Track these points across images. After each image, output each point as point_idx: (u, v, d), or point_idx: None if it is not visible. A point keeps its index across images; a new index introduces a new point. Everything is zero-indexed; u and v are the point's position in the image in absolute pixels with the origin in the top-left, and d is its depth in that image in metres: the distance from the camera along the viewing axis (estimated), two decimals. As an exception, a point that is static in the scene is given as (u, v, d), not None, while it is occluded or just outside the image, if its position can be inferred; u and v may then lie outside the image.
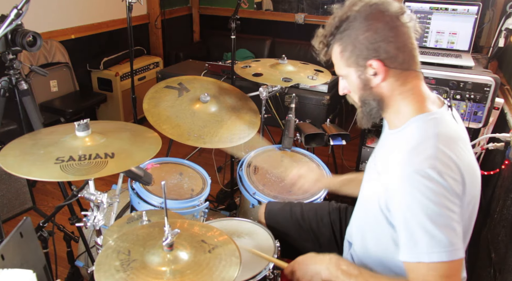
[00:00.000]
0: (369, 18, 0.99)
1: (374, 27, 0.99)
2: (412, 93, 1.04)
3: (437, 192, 0.90)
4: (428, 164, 0.92)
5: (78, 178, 1.03)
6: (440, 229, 0.90)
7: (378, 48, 0.99)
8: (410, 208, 0.93)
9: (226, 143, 1.66)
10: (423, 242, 0.91)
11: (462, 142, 1.01)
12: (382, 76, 1.01)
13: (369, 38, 0.99)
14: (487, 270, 1.73)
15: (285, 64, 2.16)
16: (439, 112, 1.04)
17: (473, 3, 2.24)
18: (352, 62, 1.04)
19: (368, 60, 1.01)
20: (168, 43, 4.57)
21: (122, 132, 1.29)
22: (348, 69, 1.06)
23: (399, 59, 1.01)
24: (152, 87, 1.81)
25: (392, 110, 1.08)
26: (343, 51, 1.04)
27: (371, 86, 1.05)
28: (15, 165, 1.06)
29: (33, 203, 2.53)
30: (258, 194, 1.71)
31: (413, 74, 1.04)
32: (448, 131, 1.00)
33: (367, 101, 1.08)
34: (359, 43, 1.00)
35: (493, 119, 2.10)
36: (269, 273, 1.27)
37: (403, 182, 0.94)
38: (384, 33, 0.99)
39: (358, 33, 1.00)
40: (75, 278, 1.93)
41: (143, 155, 1.16)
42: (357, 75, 1.05)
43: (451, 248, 0.90)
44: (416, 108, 1.04)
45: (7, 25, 1.14)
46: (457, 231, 0.92)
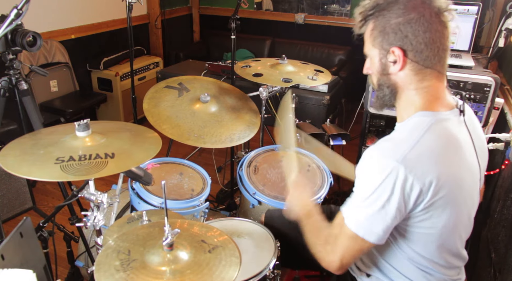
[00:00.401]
0: (409, 5, 0.97)
1: (408, 15, 0.97)
2: (426, 91, 1.03)
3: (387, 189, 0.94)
4: (397, 159, 0.93)
5: (79, 178, 1.03)
6: (368, 209, 0.97)
7: (405, 38, 0.98)
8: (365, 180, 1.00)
9: (226, 142, 1.66)
10: (355, 205, 1.01)
11: (457, 147, 1.00)
12: (400, 65, 1.01)
13: (399, 25, 0.98)
14: (487, 270, 1.73)
15: (285, 64, 2.16)
16: (445, 114, 1.02)
17: (473, 3, 2.24)
18: (378, 43, 1.03)
19: (392, 46, 1.00)
20: (168, 43, 4.57)
21: (122, 133, 1.29)
22: (373, 49, 1.05)
23: (423, 54, 0.99)
24: (152, 87, 1.81)
25: (403, 103, 1.07)
26: (373, 29, 1.03)
27: (388, 72, 1.04)
28: (15, 165, 1.06)
29: (33, 203, 2.52)
30: (258, 194, 1.71)
31: (435, 74, 1.02)
32: (444, 132, 1.00)
33: (382, 87, 1.08)
34: (389, 26, 0.99)
35: (493, 119, 2.10)
36: (269, 273, 1.27)
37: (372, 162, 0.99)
38: (416, 25, 0.97)
39: (392, 16, 0.98)
40: (75, 278, 1.93)
41: (143, 155, 1.16)
42: (379, 58, 1.05)
43: (364, 225, 0.98)
44: (423, 105, 1.03)
45: (7, 25, 1.14)
46: (380, 221, 0.97)
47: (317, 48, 4.30)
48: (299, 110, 2.26)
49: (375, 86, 1.12)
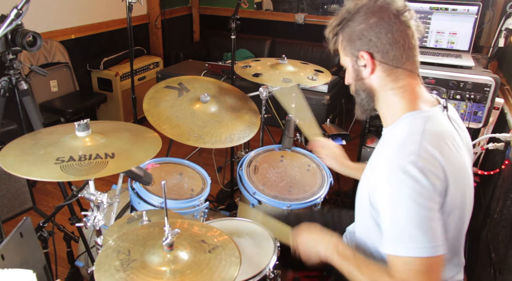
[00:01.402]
0: (369, 12, 1.03)
1: (369, 21, 1.02)
2: (404, 91, 1.06)
3: (416, 190, 0.92)
4: (409, 160, 0.93)
5: (79, 178, 1.03)
6: (417, 226, 0.92)
7: (369, 42, 1.03)
8: (390, 203, 0.96)
9: (226, 143, 1.66)
10: (401, 237, 0.94)
11: (451, 141, 1.02)
12: (370, 68, 1.05)
13: (362, 30, 1.03)
14: (487, 270, 1.73)
15: (285, 64, 2.16)
16: (431, 111, 1.06)
17: (473, 3, 2.24)
18: (348, 51, 1.09)
19: (360, 52, 1.05)
20: (168, 43, 4.57)
21: (122, 132, 1.29)
22: (345, 58, 1.11)
23: (390, 55, 1.03)
24: (152, 87, 1.81)
25: (384, 107, 1.10)
26: (342, 40, 1.09)
27: (362, 77, 1.09)
28: (15, 165, 1.06)
29: (33, 203, 2.53)
30: (258, 194, 1.71)
31: (407, 73, 1.05)
32: (436, 129, 1.02)
33: (358, 92, 1.13)
34: (354, 34, 1.05)
35: (493, 119, 2.10)
36: (269, 273, 1.27)
37: (386, 177, 0.97)
38: (378, 28, 1.02)
39: (355, 24, 1.05)
40: (75, 278, 1.93)
41: (143, 155, 1.16)
42: (351, 65, 1.10)
43: (428, 245, 0.92)
44: (407, 106, 1.06)
45: (7, 25, 1.14)
46: (436, 228, 0.93)
47: (317, 48, 4.30)
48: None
49: (353, 93, 1.16)
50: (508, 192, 1.70)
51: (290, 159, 1.97)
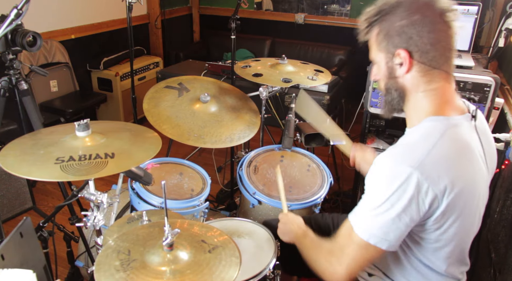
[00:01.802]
0: (412, 7, 0.97)
1: (412, 17, 0.97)
2: (435, 94, 1.02)
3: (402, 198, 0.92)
4: (411, 163, 0.92)
5: (79, 178, 1.03)
6: (381, 218, 0.95)
7: (409, 39, 0.98)
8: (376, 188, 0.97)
9: (226, 142, 1.67)
10: (364, 214, 0.99)
11: (469, 153, 0.99)
12: (406, 67, 1.00)
13: (403, 27, 0.97)
14: (487, 270, 1.73)
15: (285, 64, 2.16)
16: (457, 119, 1.01)
17: (473, 3, 2.24)
18: (383, 47, 1.03)
19: (397, 49, 1.00)
20: (168, 43, 4.57)
21: (122, 132, 1.29)
22: (379, 54, 1.05)
23: (429, 55, 0.98)
24: (152, 87, 1.81)
25: (412, 107, 1.06)
26: (378, 34, 1.03)
27: (395, 75, 1.03)
28: (15, 165, 1.06)
29: (33, 203, 2.52)
30: (258, 194, 1.71)
31: (443, 75, 1.01)
32: (455, 138, 0.98)
33: (390, 91, 1.07)
34: (393, 29, 0.99)
35: (493, 119, 2.10)
36: (269, 273, 1.27)
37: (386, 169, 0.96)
38: (420, 26, 0.96)
39: (396, 19, 0.98)
40: (75, 278, 1.93)
41: (143, 155, 1.16)
42: (385, 62, 1.04)
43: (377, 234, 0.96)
44: (434, 109, 1.01)
45: (7, 25, 1.14)
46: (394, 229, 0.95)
47: (317, 48, 4.30)
48: (299, 110, 2.26)
49: (383, 91, 1.11)
50: (508, 192, 1.69)
51: (290, 159, 1.97)
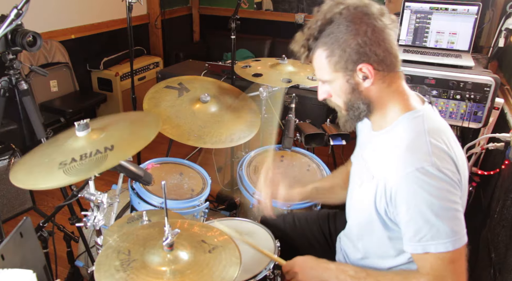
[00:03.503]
0: (356, 21, 0.97)
1: (362, 30, 0.97)
2: (397, 93, 1.06)
3: (439, 187, 0.94)
4: (426, 161, 0.94)
5: (81, 178, 1.01)
6: (444, 222, 0.94)
7: (368, 52, 0.98)
8: (415, 206, 0.95)
9: (226, 142, 1.66)
10: (430, 234, 0.95)
11: (450, 135, 1.04)
12: (372, 79, 1.01)
13: (359, 42, 0.97)
14: (487, 270, 1.73)
15: (285, 64, 2.16)
16: (424, 109, 1.05)
17: (473, 3, 2.24)
18: (341, 67, 1.01)
19: (358, 65, 0.99)
20: (168, 43, 4.57)
21: (121, 123, 1.27)
22: (335, 74, 1.03)
23: (387, 61, 1.00)
24: (152, 87, 1.81)
25: (380, 112, 1.08)
26: (330, 56, 1.01)
27: (360, 90, 1.04)
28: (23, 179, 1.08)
29: (33, 203, 2.53)
30: (258, 194, 1.71)
31: (397, 75, 1.05)
32: (435, 125, 1.03)
33: (355, 105, 1.06)
34: (348, 47, 0.98)
35: (493, 119, 2.10)
36: (269, 273, 1.27)
37: (405, 181, 0.96)
38: (374, 37, 0.97)
39: (347, 37, 0.97)
40: (75, 278, 1.93)
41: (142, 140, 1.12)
42: (345, 80, 1.03)
43: (455, 237, 0.95)
44: (402, 107, 1.05)
45: (7, 25, 1.14)
46: (460, 219, 0.97)
47: (317, 48, 4.30)
48: (299, 110, 2.26)
49: (344, 107, 1.09)
50: (508, 192, 1.69)
51: (290, 159, 1.97)
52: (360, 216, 1.16)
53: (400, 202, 0.98)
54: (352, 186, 1.24)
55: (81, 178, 1.02)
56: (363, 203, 1.11)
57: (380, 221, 1.07)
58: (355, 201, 1.21)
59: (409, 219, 0.97)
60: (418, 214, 0.95)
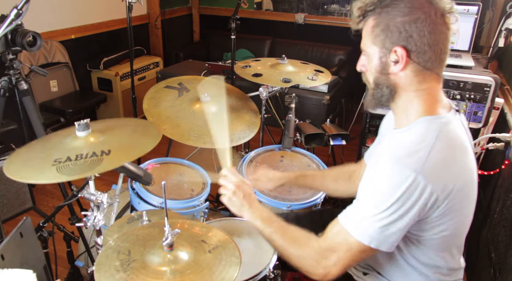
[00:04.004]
0: (415, 4, 0.95)
1: (415, 15, 0.94)
2: (427, 94, 1.01)
3: (404, 199, 0.91)
4: (413, 167, 0.91)
5: (72, 178, 1.01)
6: (378, 217, 0.94)
7: (409, 38, 0.95)
8: (376, 187, 0.96)
9: (226, 143, 1.66)
10: (360, 214, 0.97)
11: (463, 147, 1.00)
12: (401, 66, 0.98)
13: (405, 23, 0.94)
14: (487, 270, 1.73)
15: (285, 64, 2.16)
16: (447, 117, 1.01)
17: (473, 3, 2.24)
18: (379, 41, 0.99)
19: (395, 46, 0.97)
20: (168, 43, 4.57)
21: (122, 129, 1.27)
22: (373, 47, 1.01)
23: (426, 56, 0.97)
24: (152, 87, 1.81)
25: (402, 107, 1.05)
26: (375, 26, 0.99)
27: (388, 72, 1.01)
28: (16, 170, 1.06)
29: (33, 203, 2.52)
30: (258, 194, 1.71)
31: (434, 76, 1.01)
32: (450, 136, 0.99)
33: (380, 86, 1.04)
34: (393, 25, 0.96)
35: (493, 119, 2.10)
36: (269, 273, 1.27)
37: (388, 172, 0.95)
38: (422, 25, 0.94)
39: (397, 14, 0.95)
40: (75, 278, 1.93)
41: (139, 150, 1.13)
42: (379, 56, 1.01)
43: (373, 235, 0.95)
44: (426, 109, 1.01)
45: (7, 25, 1.14)
46: (391, 230, 0.95)
47: (317, 48, 4.30)
48: (299, 110, 2.26)
49: (371, 85, 1.08)
50: (508, 192, 1.70)
51: (290, 159, 1.97)
52: None
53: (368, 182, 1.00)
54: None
55: (72, 178, 1.01)
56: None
57: None
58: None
59: (361, 192, 1.00)
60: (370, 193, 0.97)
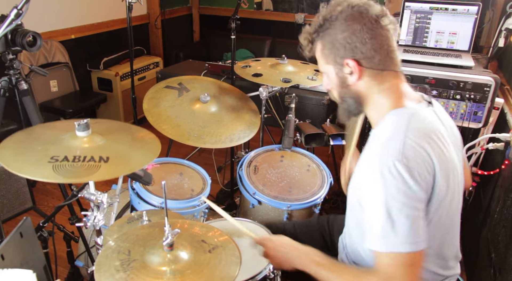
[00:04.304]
0: (349, 19, 1.03)
1: (352, 28, 1.03)
2: (390, 91, 1.07)
3: (401, 189, 0.93)
4: (394, 158, 0.94)
5: (68, 180, 1.00)
6: (400, 223, 0.93)
7: (354, 48, 1.03)
8: (373, 200, 0.96)
9: (226, 143, 1.67)
10: (384, 233, 0.95)
11: (437, 136, 1.03)
12: (357, 75, 1.05)
13: (346, 38, 1.03)
14: (487, 270, 1.73)
15: (285, 64, 2.16)
16: (415, 108, 1.06)
17: (473, 3, 2.24)
18: (331, 60, 1.08)
19: (345, 59, 1.05)
20: (168, 43, 4.57)
21: (123, 135, 1.25)
22: (328, 66, 1.11)
23: (375, 60, 1.04)
24: (152, 87, 1.82)
25: (372, 109, 1.11)
26: (323, 48, 1.09)
27: (348, 84, 1.09)
28: (10, 159, 1.03)
29: (33, 203, 2.52)
30: (258, 194, 1.71)
31: (392, 74, 1.07)
32: (421, 125, 1.03)
33: (345, 99, 1.13)
34: (337, 42, 1.05)
35: (493, 119, 2.10)
36: (269, 273, 1.27)
37: (371, 174, 0.97)
38: (361, 35, 1.02)
39: (337, 32, 1.04)
40: (75, 278, 1.93)
41: (138, 162, 1.12)
42: (335, 73, 1.10)
43: (410, 240, 0.93)
44: (392, 104, 1.07)
45: (7, 25, 1.14)
46: (417, 224, 0.94)
47: (317, 48, 4.30)
48: (299, 110, 2.26)
49: (338, 99, 1.16)
50: (508, 192, 1.70)
51: (290, 159, 1.97)
52: (350, 209, 1.18)
53: (364, 194, 1.00)
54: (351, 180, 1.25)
55: (68, 181, 1.00)
56: (351, 196, 1.14)
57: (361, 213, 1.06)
58: (349, 199, 1.22)
59: (368, 214, 0.99)
60: (375, 210, 0.96)
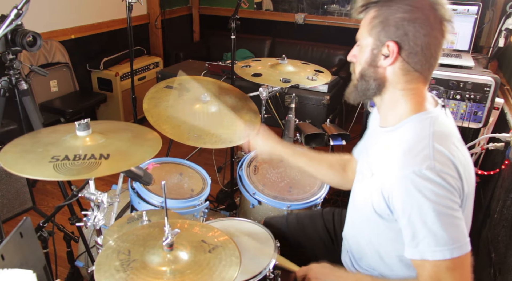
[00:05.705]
0: (417, 4, 0.96)
1: (415, 14, 0.95)
2: (414, 94, 1.03)
3: (437, 193, 0.91)
4: (426, 165, 0.92)
5: (68, 178, 1.01)
6: (441, 228, 0.91)
7: (404, 36, 0.97)
8: (411, 209, 0.93)
9: (226, 142, 1.66)
10: (426, 241, 0.93)
11: (456, 139, 1.02)
12: (391, 60, 0.99)
13: (403, 20, 0.96)
14: (487, 270, 1.73)
15: (285, 64, 2.16)
16: (434, 112, 1.04)
17: (473, 3, 2.24)
18: (375, 33, 1.00)
19: (388, 40, 0.98)
20: (168, 43, 4.57)
21: (123, 133, 1.27)
22: (368, 38, 1.03)
23: (416, 57, 0.99)
24: (152, 87, 1.81)
25: (389, 104, 1.07)
26: (374, 17, 1.00)
27: (377, 65, 1.02)
28: (11, 162, 1.04)
29: (33, 203, 2.52)
30: (258, 194, 1.71)
31: (422, 79, 1.03)
32: (443, 129, 1.01)
33: (367, 78, 1.05)
34: (392, 19, 0.97)
35: (493, 119, 2.10)
36: (269, 273, 1.27)
37: (402, 184, 0.94)
38: (419, 27, 0.96)
39: (398, 10, 0.96)
40: (75, 278, 1.93)
41: (138, 158, 1.13)
42: (371, 48, 1.02)
43: (453, 245, 0.92)
44: (413, 108, 1.03)
45: (7, 25, 1.14)
46: (460, 226, 0.93)
47: (317, 48, 4.30)
48: (299, 110, 2.26)
49: (357, 76, 1.09)
50: (508, 192, 1.70)
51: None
52: (360, 212, 1.16)
53: (396, 205, 0.97)
54: (355, 180, 1.23)
55: (69, 178, 1.01)
56: (363, 200, 1.11)
57: (377, 218, 1.06)
58: (356, 195, 1.21)
59: (406, 223, 0.96)
60: (413, 218, 0.94)
